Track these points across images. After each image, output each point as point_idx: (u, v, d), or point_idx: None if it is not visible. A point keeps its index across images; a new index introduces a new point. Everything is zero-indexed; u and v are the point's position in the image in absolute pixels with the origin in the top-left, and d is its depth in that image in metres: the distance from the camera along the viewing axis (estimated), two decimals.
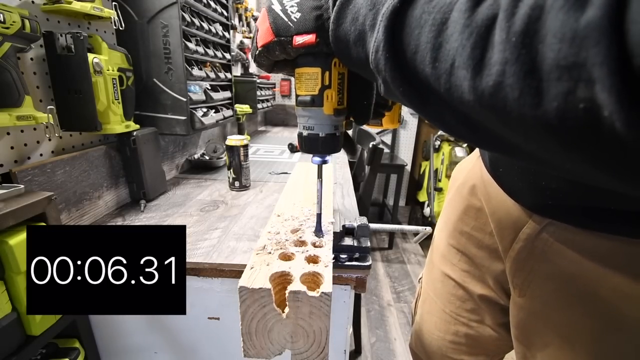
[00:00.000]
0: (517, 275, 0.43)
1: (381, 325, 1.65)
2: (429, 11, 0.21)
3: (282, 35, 0.34)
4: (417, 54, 0.22)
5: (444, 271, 0.58)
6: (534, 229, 0.40)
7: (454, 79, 0.19)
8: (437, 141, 2.54)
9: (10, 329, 0.43)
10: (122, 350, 0.63)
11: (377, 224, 0.79)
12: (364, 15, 0.27)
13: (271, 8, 0.35)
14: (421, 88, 0.23)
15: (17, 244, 0.41)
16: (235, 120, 1.37)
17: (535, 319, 0.42)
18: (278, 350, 0.36)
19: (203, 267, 0.54)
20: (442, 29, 0.20)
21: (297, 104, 0.40)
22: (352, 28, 0.28)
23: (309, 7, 0.33)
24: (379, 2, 0.26)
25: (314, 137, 0.40)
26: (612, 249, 0.34)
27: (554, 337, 0.40)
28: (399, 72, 0.24)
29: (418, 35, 0.21)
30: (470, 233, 0.52)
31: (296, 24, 0.34)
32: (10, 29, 0.46)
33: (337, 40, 0.31)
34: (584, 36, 0.13)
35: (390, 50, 0.24)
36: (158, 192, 0.84)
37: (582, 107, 0.14)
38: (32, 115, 0.51)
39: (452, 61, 0.19)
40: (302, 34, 0.34)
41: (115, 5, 0.71)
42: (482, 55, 0.17)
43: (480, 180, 0.50)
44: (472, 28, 0.18)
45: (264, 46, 0.36)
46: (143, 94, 0.81)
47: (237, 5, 1.65)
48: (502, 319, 0.52)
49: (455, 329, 0.57)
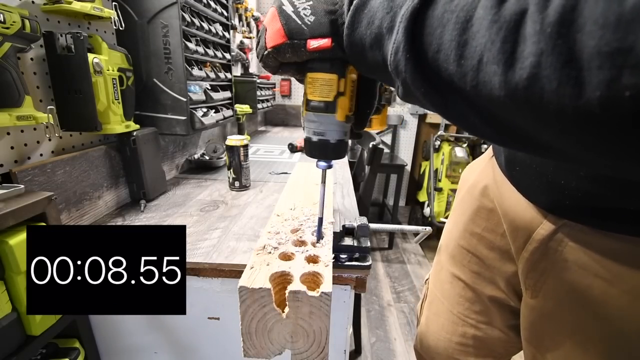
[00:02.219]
0: (529, 276, 0.43)
1: (381, 325, 1.65)
2: (452, 10, 0.21)
3: (295, 38, 0.34)
4: (439, 53, 0.21)
5: (453, 272, 0.58)
6: (548, 230, 0.40)
7: (482, 75, 0.19)
8: (437, 141, 2.54)
9: (10, 329, 0.43)
10: (122, 350, 0.63)
11: (377, 224, 0.79)
12: (381, 18, 0.26)
13: (282, 9, 0.34)
14: (444, 88, 0.23)
15: (17, 244, 0.41)
16: (235, 120, 1.37)
17: (547, 320, 0.42)
18: (278, 350, 0.36)
19: (203, 267, 0.54)
20: (466, 26, 0.20)
21: (309, 109, 0.39)
22: (368, 32, 0.28)
23: (323, 11, 0.33)
24: (396, 5, 0.25)
25: (325, 143, 0.40)
26: (627, 250, 0.33)
27: (565, 338, 0.40)
28: (420, 73, 0.23)
29: (440, 34, 0.21)
30: (482, 234, 0.52)
31: (310, 27, 0.33)
32: (11, 29, 0.46)
33: (351, 45, 0.31)
34: (631, 19, 0.13)
35: (410, 51, 0.23)
36: (158, 192, 0.84)
37: (629, 94, 0.13)
38: (32, 115, 0.51)
39: (479, 57, 0.19)
40: (316, 38, 0.33)
41: (115, 5, 0.71)
42: (513, 48, 0.17)
43: (492, 181, 0.50)
44: (501, 23, 0.18)
45: (274, 47, 0.35)
46: (143, 94, 0.81)
47: (237, 5, 1.65)
48: (512, 320, 0.52)
49: (463, 331, 0.57)
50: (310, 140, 0.40)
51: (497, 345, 0.56)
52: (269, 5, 2.64)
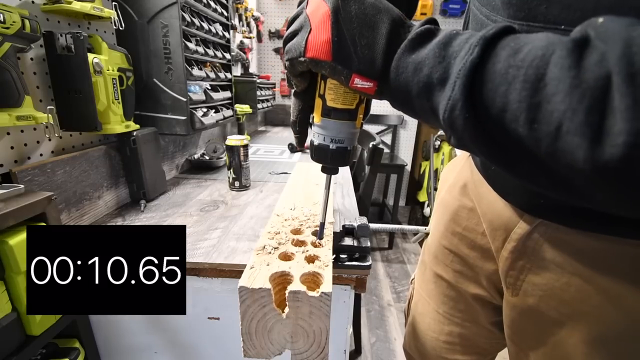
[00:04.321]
0: (509, 274, 0.43)
1: (381, 325, 1.65)
2: (517, 65, 0.19)
3: (340, 64, 0.30)
4: (506, 113, 0.20)
5: (436, 272, 0.58)
6: (525, 229, 0.40)
7: (561, 144, 0.18)
8: (437, 141, 2.54)
9: (10, 329, 0.43)
10: (122, 350, 0.63)
11: (377, 224, 0.78)
12: (431, 67, 0.25)
13: (338, 18, 0.29)
14: (510, 148, 0.21)
15: (17, 244, 0.41)
16: (235, 120, 1.37)
17: (528, 319, 0.42)
18: (278, 350, 0.36)
19: (203, 267, 0.54)
20: (538, 86, 0.18)
21: (328, 115, 0.37)
22: (415, 79, 0.26)
23: (381, 51, 0.29)
24: (449, 55, 0.24)
25: (343, 151, 0.38)
26: (602, 249, 0.34)
27: (546, 337, 0.40)
28: (482, 132, 0.22)
29: (505, 93, 0.20)
30: (463, 233, 0.52)
31: (361, 61, 0.29)
32: (10, 29, 0.46)
33: (395, 90, 0.28)
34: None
35: (470, 111, 0.22)
36: (158, 192, 0.84)
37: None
38: (32, 115, 0.51)
39: (557, 124, 0.17)
40: (362, 77, 0.30)
41: (115, 5, 0.71)
42: (600, 122, 0.16)
43: (471, 180, 0.50)
44: (584, 90, 0.16)
45: (313, 60, 0.31)
46: (143, 94, 0.81)
47: (237, 5, 1.65)
48: (496, 317, 0.52)
49: (449, 329, 0.58)
50: (329, 149, 0.38)
51: (483, 342, 0.56)
52: (270, 5, 2.62)
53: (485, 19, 0.35)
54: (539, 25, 0.28)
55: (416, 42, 0.27)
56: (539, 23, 0.28)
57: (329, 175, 0.43)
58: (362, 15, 0.29)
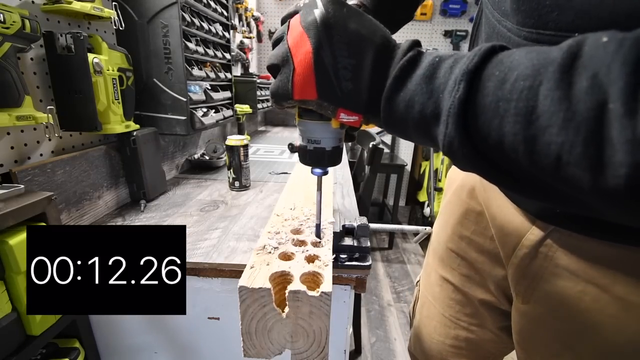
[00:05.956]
0: (520, 282, 0.42)
1: (381, 325, 1.65)
2: (506, 98, 0.19)
3: (326, 100, 0.30)
4: (503, 145, 0.20)
5: (442, 275, 0.57)
6: (538, 236, 0.39)
7: (564, 174, 0.17)
8: None
9: (10, 329, 0.43)
10: (122, 350, 0.63)
11: (377, 224, 0.79)
12: (421, 103, 0.25)
13: (320, 55, 0.28)
14: (514, 173, 0.21)
15: (17, 244, 0.41)
16: (235, 120, 1.37)
17: (538, 326, 0.42)
18: (278, 350, 0.36)
19: (203, 267, 0.54)
20: (530, 119, 0.18)
21: (303, 116, 0.38)
22: (410, 116, 0.26)
23: (366, 86, 0.29)
24: (436, 89, 0.24)
25: (321, 151, 0.38)
26: (619, 257, 0.33)
27: (557, 346, 0.39)
28: (483, 161, 0.22)
29: (499, 126, 0.20)
30: (471, 237, 0.51)
31: (346, 97, 0.29)
32: (10, 29, 0.46)
33: (390, 126, 0.29)
34: None
35: (467, 145, 0.22)
36: (158, 192, 0.84)
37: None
38: (32, 115, 0.51)
39: (556, 156, 0.17)
40: (348, 112, 0.30)
41: (115, 5, 0.71)
42: (599, 153, 0.16)
43: (479, 184, 0.49)
44: (577, 122, 0.16)
45: (301, 100, 0.31)
46: (143, 94, 0.81)
47: (237, 5, 1.65)
48: (504, 322, 0.52)
49: (456, 333, 0.57)
50: (306, 149, 0.39)
51: (490, 347, 0.56)
52: (270, 5, 2.60)
53: (497, 24, 0.34)
54: (549, 33, 0.27)
55: (401, 79, 0.27)
56: (549, 31, 0.27)
57: (318, 176, 0.43)
58: (345, 47, 0.28)
